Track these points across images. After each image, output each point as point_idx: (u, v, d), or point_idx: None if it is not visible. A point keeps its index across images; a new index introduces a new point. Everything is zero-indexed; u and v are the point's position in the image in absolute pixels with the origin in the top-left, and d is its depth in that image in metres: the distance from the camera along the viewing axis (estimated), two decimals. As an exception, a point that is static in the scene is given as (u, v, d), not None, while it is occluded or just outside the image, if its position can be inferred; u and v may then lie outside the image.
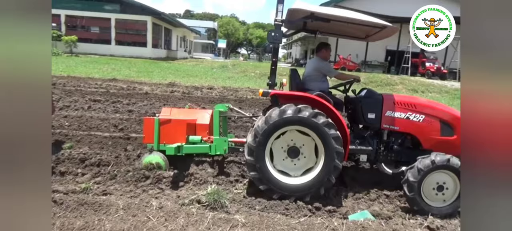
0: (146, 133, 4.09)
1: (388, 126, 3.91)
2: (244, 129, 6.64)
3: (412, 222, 3.17)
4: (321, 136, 3.38)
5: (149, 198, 3.26)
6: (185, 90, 11.33)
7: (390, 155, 4.03)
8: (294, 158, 3.60)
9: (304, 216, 3.17)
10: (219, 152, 4.02)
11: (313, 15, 3.49)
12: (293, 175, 3.60)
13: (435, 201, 3.40)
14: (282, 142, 3.57)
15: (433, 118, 3.84)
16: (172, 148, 3.73)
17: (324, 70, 4.26)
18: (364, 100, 4.00)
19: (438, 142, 3.82)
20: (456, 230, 3.06)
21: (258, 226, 2.85)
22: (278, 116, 3.36)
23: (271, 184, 3.45)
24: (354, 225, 2.89)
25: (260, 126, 3.39)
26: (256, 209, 3.29)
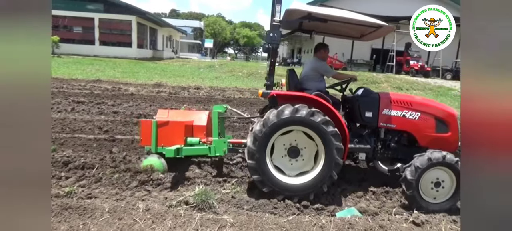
0: (143, 135, 4.03)
1: (385, 124, 3.96)
2: (243, 129, 6.59)
3: (398, 218, 3.23)
4: (320, 134, 3.40)
5: (135, 201, 3.21)
6: (171, 90, 11.22)
7: (387, 153, 4.08)
8: (292, 158, 3.60)
9: (292, 215, 3.18)
10: (218, 153, 3.97)
11: (310, 16, 3.50)
12: (288, 174, 3.60)
13: (433, 198, 3.48)
14: (286, 139, 3.56)
15: (428, 115, 3.91)
16: (172, 150, 3.68)
17: (322, 70, 4.30)
18: (361, 100, 4.04)
19: (434, 139, 3.89)
20: (440, 224, 3.13)
21: (246, 225, 2.85)
22: (276, 117, 3.36)
23: (275, 186, 3.45)
24: (341, 222, 2.93)
25: (259, 129, 3.38)
26: (244, 209, 3.28)
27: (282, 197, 3.46)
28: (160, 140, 3.93)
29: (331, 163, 3.43)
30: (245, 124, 7.02)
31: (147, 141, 3.98)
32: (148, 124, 3.96)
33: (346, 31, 4.26)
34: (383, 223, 2.97)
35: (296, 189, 3.48)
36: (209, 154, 3.98)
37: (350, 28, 4.06)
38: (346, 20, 3.60)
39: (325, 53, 4.44)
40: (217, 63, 26.64)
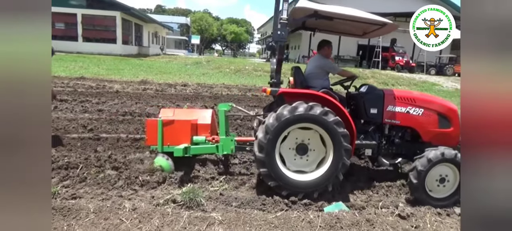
0: (149, 135, 3.97)
1: (389, 120, 4.00)
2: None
3: (384, 211, 3.29)
4: (331, 133, 3.40)
5: (121, 200, 3.15)
6: (158, 87, 11.07)
7: (391, 148, 4.13)
8: (303, 154, 3.60)
9: (280, 210, 3.19)
10: (226, 151, 3.95)
11: (316, 13, 3.51)
12: (309, 170, 3.60)
13: (436, 192, 3.57)
14: (289, 143, 3.55)
15: (431, 111, 3.98)
16: (180, 149, 3.66)
17: (327, 68, 4.33)
18: (366, 96, 4.07)
19: (437, 134, 3.96)
20: (424, 216, 3.20)
21: (235, 222, 2.84)
22: (290, 113, 3.33)
23: (281, 181, 3.43)
24: (329, 217, 2.96)
25: (271, 123, 3.35)
26: (232, 206, 3.27)
27: (286, 193, 3.44)
28: (166, 139, 3.90)
29: (338, 163, 3.44)
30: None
31: (153, 140, 3.93)
32: (154, 123, 3.90)
33: (348, 29, 4.28)
34: (370, 217, 3.01)
35: (302, 186, 3.48)
36: (217, 153, 3.96)
37: (353, 26, 4.09)
38: (352, 18, 3.61)
39: (328, 50, 4.47)
40: (204, 60, 26.43)
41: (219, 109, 4.05)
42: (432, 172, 3.50)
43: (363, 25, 3.98)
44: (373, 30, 4.11)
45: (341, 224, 2.86)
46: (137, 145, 5.12)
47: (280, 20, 3.45)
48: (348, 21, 3.78)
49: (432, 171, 3.49)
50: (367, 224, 2.90)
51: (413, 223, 3.04)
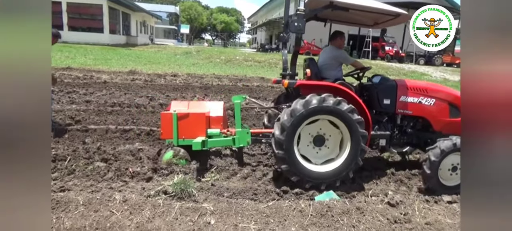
0: (163, 128, 3.92)
1: (402, 110, 4.05)
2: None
3: (374, 199, 3.34)
4: (346, 122, 3.43)
5: (111, 192, 3.12)
6: (147, 78, 10.91)
7: (403, 138, 4.18)
8: (318, 146, 3.63)
9: (272, 200, 3.21)
10: (242, 144, 3.94)
11: (332, 4, 3.51)
12: (314, 162, 3.63)
13: (448, 181, 3.63)
14: (311, 129, 3.57)
15: (442, 101, 4.03)
16: (198, 142, 3.65)
17: (341, 59, 4.33)
18: (379, 87, 4.11)
19: (447, 124, 4.02)
20: (413, 204, 3.26)
21: (227, 212, 2.84)
22: (303, 107, 3.34)
23: (303, 175, 3.47)
24: (320, 206, 2.98)
25: (287, 119, 3.35)
26: (224, 196, 3.27)
27: (309, 185, 3.49)
28: (181, 132, 3.85)
29: (357, 150, 3.48)
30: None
31: (168, 134, 3.88)
32: (169, 117, 3.84)
33: (360, 19, 4.29)
34: (360, 205, 3.05)
35: (324, 177, 3.52)
36: (233, 145, 3.95)
37: (365, 16, 4.10)
38: (368, 8, 3.63)
39: (341, 41, 4.47)
40: (194, 50, 26.14)
41: (235, 102, 4.01)
42: (445, 161, 3.55)
43: (375, 15, 4.00)
44: (385, 20, 4.14)
45: (332, 212, 2.89)
46: (126, 136, 5.06)
47: (298, 11, 3.44)
48: (361, 12, 3.78)
49: (445, 160, 3.54)
50: (357, 212, 2.94)
51: (402, 210, 3.10)
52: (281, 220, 2.80)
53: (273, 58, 21.55)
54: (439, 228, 2.82)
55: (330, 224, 2.77)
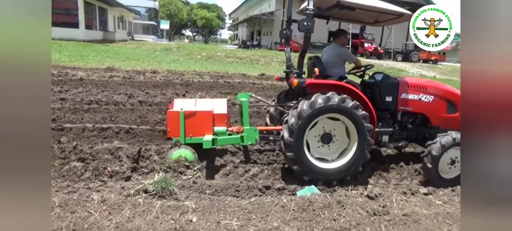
0: (170, 126, 3.90)
1: (403, 107, 4.19)
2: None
3: (354, 193, 3.41)
4: (352, 118, 3.51)
5: (89, 192, 3.02)
6: (125, 75, 10.64)
7: (403, 134, 4.32)
8: (327, 143, 3.72)
9: (254, 196, 3.22)
10: (251, 141, 3.92)
11: (339, 4, 3.61)
12: (330, 159, 3.72)
13: (446, 174, 3.80)
14: (315, 131, 3.65)
15: (440, 97, 4.20)
16: (209, 141, 3.64)
17: (345, 57, 4.44)
18: (382, 85, 4.23)
19: (445, 119, 4.20)
20: (391, 196, 3.36)
21: (209, 210, 2.82)
22: (310, 108, 3.40)
23: (315, 173, 3.55)
24: (302, 200, 3.02)
25: (295, 121, 3.40)
26: (206, 194, 3.25)
27: (321, 182, 3.58)
28: (188, 130, 3.84)
29: (364, 144, 3.59)
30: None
31: (175, 132, 3.87)
32: (176, 115, 3.82)
33: (361, 17, 4.38)
34: (341, 199, 3.11)
35: (335, 173, 3.62)
36: (242, 143, 3.94)
37: (367, 15, 4.21)
38: (373, 8, 3.76)
39: (344, 38, 4.59)
40: (174, 46, 25.72)
41: (243, 100, 4.01)
42: (445, 155, 3.71)
43: (377, 14, 4.11)
44: (386, 19, 4.27)
45: (313, 206, 2.93)
46: (104, 134, 4.92)
47: (307, 11, 3.52)
48: (366, 11, 3.90)
49: (445, 155, 3.70)
50: (338, 205, 3.00)
51: (381, 203, 3.18)
52: (263, 215, 2.81)
53: (254, 55, 21.55)
54: (415, 219, 2.91)
55: (311, 218, 2.80)
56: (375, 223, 2.80)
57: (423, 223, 2.86)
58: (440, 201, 3.41)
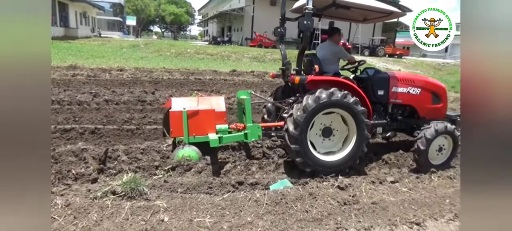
0: (173, 126, 3.85)
1: (393, 100, 4.44)
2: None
3: (325, 184, 3.49)
4: (352, 113, 3.70)
5: (52, 197, 2.86)
6: (90, 73, 10.16)
7: (393, 125, 4.57)
8: (328, 136, 3.91)
9: (227, 192, 3.20)
10: (254, 138, 3.94)
11: (335, 3, 3.76)
12: (336, 150, 3.93)
13: (434, 160, 4.16)
14: (315, 130, 3.82)
15: (426, 90, 4.50)
16: (216, 139, 3.65)
17: (340, 54, 4.63)
18: (374, 79, 4.45)
19: (430, 110, 4.52)
20: (360, 186, 3.47)
21: (181, 208, 2.77)
22: (314, 102, 3.53)
23: (317, 165, 3.71)
24: (274, 194, 3.04)
25: (300, 115, 3.54)
26: (178, 192, 3.18)
27: (322, 174, 3.72)
28: (191, 130, 3.82)
29: (362, 138, 3.78)
30: None
31: (179, 132, 3.83)
32: (179, 115, 3.79)
33: (352, 15, 4.54)
34: (313, 191, 3.17)
35: (335, 165, 3.80)
36: (246, 140, 3.95)
37: (359, 13, 4.41)
38: (365, 6, 3.97)
39: (339, 37, 4.81)
40: (142, 43, 24.92)
41: (245, 98, 4.05)
42: (434, 142, 4.04)
43: (368, 12, 4.31)
44: (375, 17, 4.51)
45: (286, 199, 2.97)
46: (67, 136, 4.68)
47: (306, 10, 3.63)
48: (358, 9, 4.09)
49: (435, 141, 4.03)
50: (310, 197, 3.05)
51: (351, 193, 3.28)
52: (237, 211, 2.80)
53: (225, 51, 21.39)
54: (383, 206, 3.03)
55: (284, 210, 2.83)
56: (345, 212, 2.89)
57: (390, 210, 2.99)
58: (406, 188, 3.58)
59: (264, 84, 10.09)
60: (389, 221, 2.80)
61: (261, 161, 4.06)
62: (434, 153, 4.14)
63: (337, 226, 2.68)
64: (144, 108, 6.54)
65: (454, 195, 3.41)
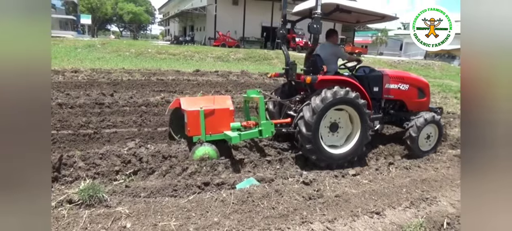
0: (191, 126, 3.98)
1: (386, 95, 4.90)
2: None
3: (291, 180, 3.55)
4: (355, 107, 4.08)
5: None
6: (41, 75, 9.43)
7: (385, 118, 5.02)
8: (335, 131, 4.27)
9: (193, 194, 3.14)
10: (267, 135, 4.13)
11: (338, 8, 4.17)
12: (339, 144, 4.29)
13: (422, 147, 4.76)
14: (324, 123, 4.13)
15: (413, 86, 5.03)
16: (237, 136, 3.83)
17: (339, 54, 4.98)
18: (370, 77, 4.85)
19: (417, 103, 5.07)
20: (324, 180, 3.58)
21: (144, 213, 2.67)
22: (322, 102, 3.86)
23: (330, 160, 4.05)
24: (241, 193, 3.03)
25: (310, 116, 3.86)
26: (141, 197, 3.06)
27: (325, 164, 4.04)
28: (207, 128, 3.97)
29: (366, 128, 4.18)
30: None
31: (196, 130, 3.96)
32: (196, 114, 3.93)
33: (346, 18, 4.96)
34: (278, 187, 3.21)
35: (345, 156, 4.17)
36: (260, 136, 4.13)
37: (355, 16, 4.80)
38: (364, 11, 4.40)
39: (336, 38, 5.12)
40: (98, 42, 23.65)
41: (258, 97, 4.26)
42: (424, 130, 4.63)
43: (362, 15, 4.73)
44: (368, 20, 4.97)
45: (253, 198, 2.97)
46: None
47: (315, 15, 3.90)
48: (356, 13, 4.52)
49: (424, 129, 4.62)
50: (276, 194, 3.08)
51: (315, 187, 3.37)
52: (203, 212, 2.76)
53: (188, 51, 20.98)
54: (346, 199, 3.15)
55: (251, 209, 2.84)
56: (310, 206, 2.96)
57: (352, 202, 3.11)
58: (366, 180, 3.74)
59: (229, 84, 10.04)
60: (351, 212, 2.92)
61: (227, 160, 4.03)
62: (423, 141, 4.72)
63: (302, 220, 2.74)
64: (103, 111, 6.22)
65: (410, 184, 3.63)
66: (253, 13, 32.16)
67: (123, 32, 65.13)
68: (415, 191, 3.49)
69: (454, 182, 3.81)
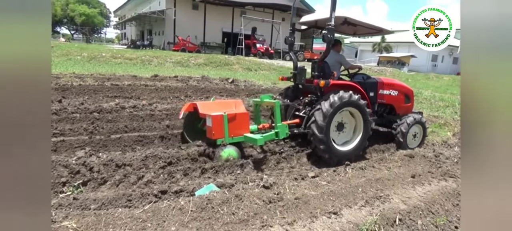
0: (215, 129, 4.19)
1: (380, 100, 5.48)
2: None
3: (251, 185, 3.52)
4: (358, 107, 4.59)
5: None
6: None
7: (378, 121, 5.55)
8: (341, 130, 4.79)
9: (148, 203, 2.98)
10: (283, 136, 4.48)
11: (346, 21, 4.66)
12: (349, 138, 4.84)
13: (410, 144, 5.50)
14: (333, 124, 4.54)
15: (401, 92, 5.69)
16: (262, 138, 4.21)
17: (343, 62, 5.51)
18: (367, 83, 5.33)
19: (403, 108, 5.75)
20: (284, 183, 3.59)
21: (94, 227, 2.48)
22: (331, 106, 4.32)
23: (340, 157, 4.55)
24: (200, 200, 2.94)
25: (322, 119, 4.31)
26: (91, 209, 2.85)
27: (336, 160, 4.50)
28: (230, 131, 4.23)
29: (368, 125, 4.74)
30: None
31: (220, 133, 4.21)
32: (220, 118, 4.19)
33: (346, 30, 5.39)
34: (239, 193, 3.16)
35: (351, 152, 4.69)
36: (277, 138, 4.47)
37: (353, 28, 5.24)
38: (366, 25, 4.94)
39: (340, 47, 5.66)
40: (46, 45, 22.00)
41: (275, 101, 4.61)
42: (412, 129, 5.40)
43: (361, 28, 5.20)
44: (365, 32, 5.58)
45: (212, 204, 2.89)
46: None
47: (329, 26, 4.34)
48: (356, 26, 4.99)
49: (412, 128, 5.39)
50: (236, 199, 3.03)
51: (276, 191, 3.37)
52: (159, 222, 2.63)
53: (146, 55, 20.31)
54: (305, 201, 3.18)
55: (210, 216, 2.76)
56: (271, 210, 2.95)
57: (312, 203, 3.16)
58: (325, 181, 3.83)
59: (189, 89, 9.83)
60: (311, 214, 2.95)
61: (186, 167, 3.91)
62: (410, 139, 5.50)
63: (262, 224, 2.71)
64: (49, 118, 5.75)
65: (365, 184, 3.78)
66: (213, 18, 32.02)
67: (74, 35, 61.28)
68: (370, 190, 3.63)
69: (405, 180, 4.03)
